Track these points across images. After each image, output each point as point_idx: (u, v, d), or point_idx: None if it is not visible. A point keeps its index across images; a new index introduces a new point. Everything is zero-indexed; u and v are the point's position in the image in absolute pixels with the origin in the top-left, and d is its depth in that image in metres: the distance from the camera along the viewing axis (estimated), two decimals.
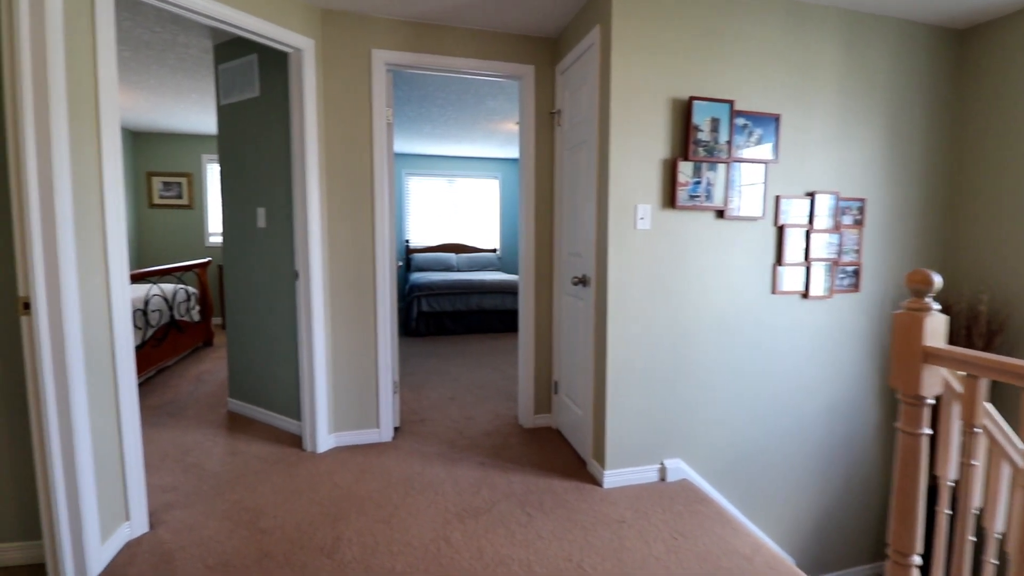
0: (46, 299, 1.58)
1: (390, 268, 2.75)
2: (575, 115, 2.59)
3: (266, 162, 2.85)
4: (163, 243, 6.14)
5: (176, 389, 3.68)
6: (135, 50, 3.20)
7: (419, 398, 3.46)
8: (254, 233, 2.97)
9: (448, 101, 4.42)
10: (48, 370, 1.60)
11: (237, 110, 2.99)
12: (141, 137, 5.99)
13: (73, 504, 1.65)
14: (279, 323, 2.88)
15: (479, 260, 7.09)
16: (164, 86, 3.99)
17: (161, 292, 4.21)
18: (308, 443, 2.63)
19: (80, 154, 1.69)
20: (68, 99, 1.64)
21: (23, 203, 1.54)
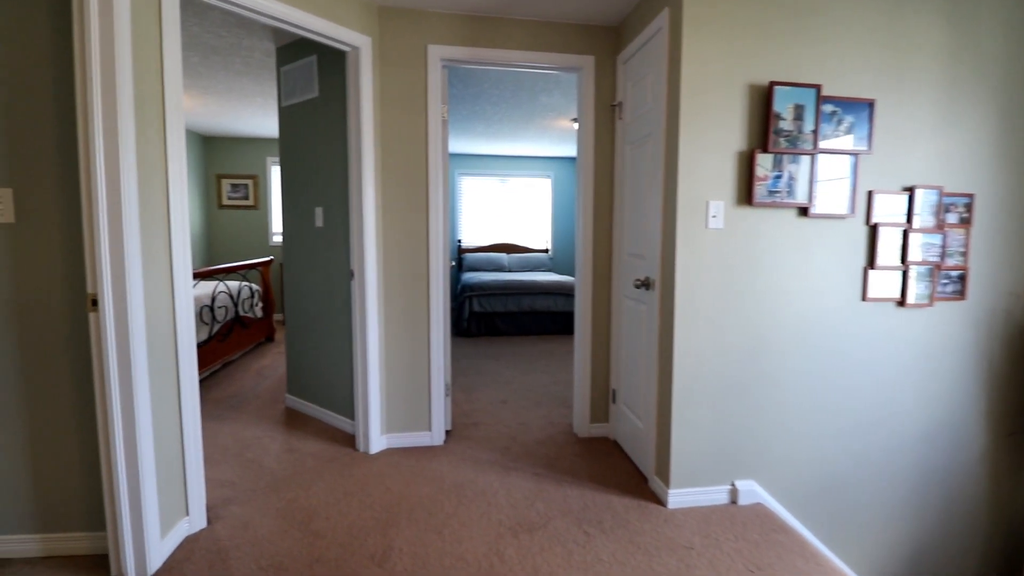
0: (112, 296, 1.61)
1: (443, 268, 2.69)
2: (638, 107, 2.43)
3: (324, 162, 2.87)
4: (230, 242, 6.44)
5: (239, 383, 3.81)
6: (204, 55, 3.31)
7: (471, 400, 3.39)
8: (312, 233, 3.00)
9: (502, 98, 4.34)
10: (113, 365, 1.63)
11: (297, 111, 3.03)
12: (211, 141, 6.30)
13: (135, 498, 1.68)
14: (335, 322, 2.89)
15: (530, 260, 6.99)
16: (231, 90, 4.14)
17: (227, 289, 4.37)
18: (361, 443, 2.62)
19: (146, 155, 1.72)
20: (135, 102, 1.66)
21: (92, 203, 1.57)
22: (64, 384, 1.76)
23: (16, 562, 1.77)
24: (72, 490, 1.80)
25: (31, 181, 1.68)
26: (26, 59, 1.65)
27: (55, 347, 1.74)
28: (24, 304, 1.72)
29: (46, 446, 1.78)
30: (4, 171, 1.67)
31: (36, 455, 1.78)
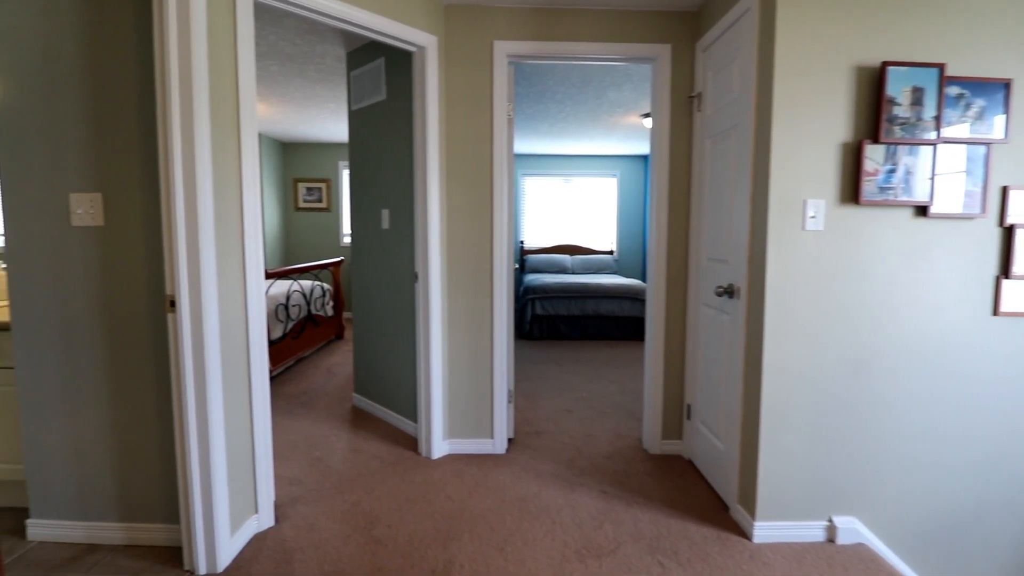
0: (188, 298, 1.65)
1: (507, 270, 2.60)
2: (721, 97, 2.22)
3: (391, 164, 2.87)
4: (305, 243, 6.74)
5: (310, 380, 3.93)
6: (281, 63, 3.43)
7: (534, 407, 3.29)
8: (378, 234, 3.02)
9: (567, 95, 4.21)
10: (188, 365, 1.67)
11: (366, 114, 3.06)
12: (289, 147, 6.63)
13: (206, 494, 1.72)
14: (400, 324, 2.89)
15: (594, 262, 6.79)
16: (306, 97, 4.29)
17: (300, 288, 4.55)
18: (423, 447, 2.59)
19: (221, 162, 1.76)
20: (210, 109, 1.70)
21: (170, 208, 1.62)
22: (146, 381, 1.84)
23: (102, 548, 1.86)
24: (152, 483, 1.88)
25: (118, 186, 1.76)
26: (113, 70, 1.73)
27: (138, 345, 1.82)
28: (111, 303, 1.81)
29: (129, 439, 1.87)
30: (94, 177, 1.76)
31: (121, 448, 1.87)
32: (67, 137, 1.75)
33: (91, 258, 1.79)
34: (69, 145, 1.76)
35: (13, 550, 1.85)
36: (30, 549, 1.85)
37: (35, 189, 1.78)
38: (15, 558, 1.81)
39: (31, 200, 1.78)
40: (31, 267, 1.81)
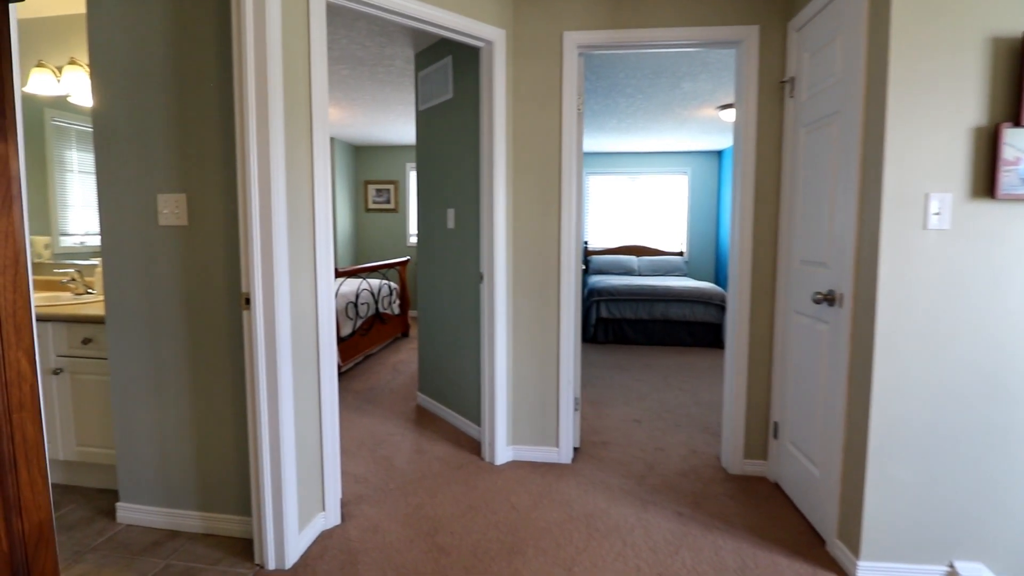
0: (261, 296, 1.67)
1: (575, 272, 2.49)
2: (819, 80, 1.99)
3: (457, 163, 2.84)
4: (375, 243, 6.94)
5: (376, 377, 4.00)
6: (352, 67, 3.51)
7: (600, 415, 3.15)
8: (444, 234, 3.00)
9: (638, 88, 4.02)
10: (261, 362, 1.69)
11: (433, 114, 3.05)
12: (360, 150, 6.85)
13: (276, 488, 1.74)
14: (464, 325, 2.85)
15: (663, 264, 6.50)
16: (375, 100, 4.38)
17: (369, 287, 4.66)
18: (487, 452, 2.53)
19: (294, 164, 1.78)
20: (284, 113, 1.72)
21: (246, 208, 1.64)
22: (223, 375, 1.89)
23: (182, 536, 1.94)
24: (228, 474, 1.93)
25: (201, 188, 1.83)
26: (196, 75, 1.79)
27: (217, 341, 1.88)
28: (192, 300, 1.88)
29: (208, 431, 1.93)
30: (180, 178, 1.83)
31: (200, 438, 1.94)
32: (155, 140, 1.84)
33: (175, 256, 1.87)
34: (157, 148, 1.84)
35: (104, 531, 1.97)
36: (118, 532, 1.97)
37: (126, 190, 1.88)
38: (105, 539, 1.92)
39: (123, 201, 1.88)
40: (123, 264, 1.92)
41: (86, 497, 2.22)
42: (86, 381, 2.18)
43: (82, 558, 1.81)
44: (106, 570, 1.75)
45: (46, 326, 2.18)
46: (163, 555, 1.83)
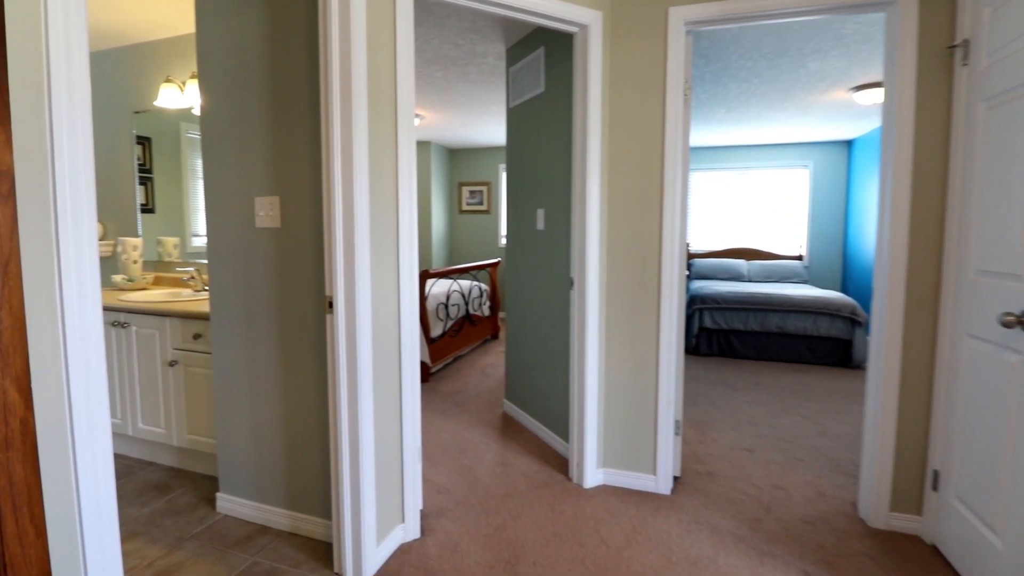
0: (343, 299, 1.62)
1: (678, 278, 2.20)
2: (1010, 42, 1.54)
3: (548, 160, 2.67)
4: (468, 244, 7.01)
5: (465, 379, 3.96)
6: (445, 68, 3.48)
7: (704, 440, 2.81)
8: (533, 236, 2.85)
9: (754, 71, 3.57)
10: (342, 364, 1.64)
11: (523, 111, 2.91)
12: (455, 152, 6.95)
13: (355, 496, 1.69)
14: (553, 333, 2.67)
15: (777, 269, 5.82)
16: (468, 101, 4.35)
17: (459, 288, 4.65)
18: (574, 472, 2.33)
19: (378, 167, 1.72)
20: (369, 117, 1.67)
21: (330, 212, 1.60)
22: (310, 377, 1.88)
23: (271, 532, 1.97)
24: (313, 476, 1.93)
25: (292, 190, 1.83)
26: (289, 80, 1.79)
27: (305, 342, 1.88)
28: (283, 301, 1.89)
29: (295, 431, 1.94)
30: (273, 181, 1.85)
31: (289, 438, 1.95)
32: (253, 145, 1.88)
33: (269, 257, 1.90)
34: (254, 153, 1.88)
35: (204, 519, 2.06)
36: (217, 521, 2.04)
37: (228, 193, 1.94)
38: (204, 527, 2.00)
39: (225, 203, 1.95)
40: (225, 264, 1.99)
41: (194, 483, 2.36)
42: (196, 374, 2.32)
43: (182, 545, 1.89)
44: (201, 561, 1.81)
45: (164, 320, 2.35)
46: (252, 551, 1.86)
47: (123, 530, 1.99)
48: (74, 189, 0.98)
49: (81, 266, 0.96)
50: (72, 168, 0.98)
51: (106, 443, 1.01)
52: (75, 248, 0.98)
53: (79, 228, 0.99)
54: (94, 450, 1.00)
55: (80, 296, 0.99)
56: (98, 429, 0.99)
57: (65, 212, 0.95)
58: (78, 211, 0.96)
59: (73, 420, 0.95)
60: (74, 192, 0.97)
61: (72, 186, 0.98)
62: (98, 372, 0.99)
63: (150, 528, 2.00)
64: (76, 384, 0.94)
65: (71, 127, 0.97)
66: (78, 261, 0.97)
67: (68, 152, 0.97)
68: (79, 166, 0.99)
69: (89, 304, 0.99)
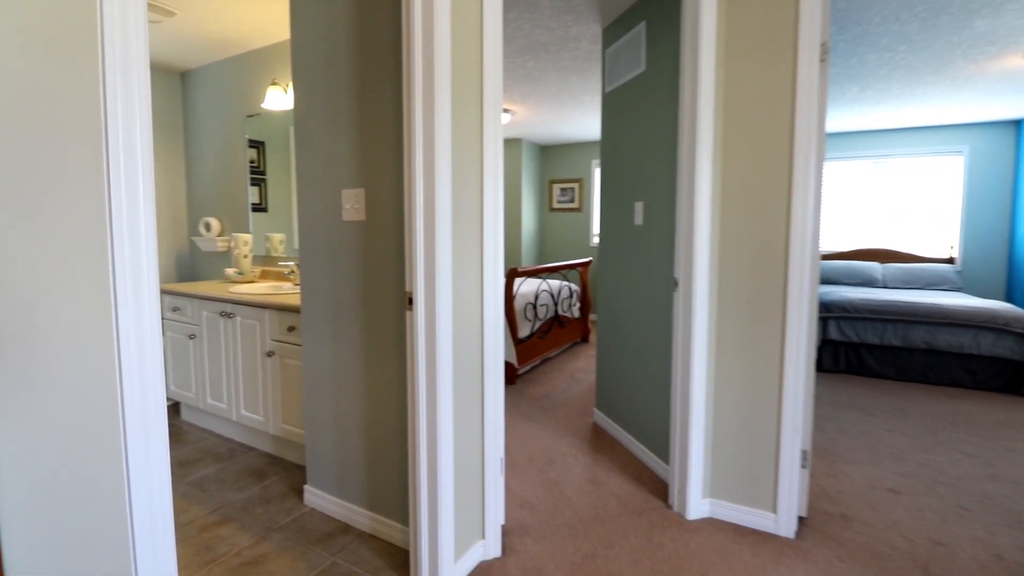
0: (423, 296, 1.51)
1: (808, 282, 1.84)
2: None
3: (648, 147, 2.40)
4: (558, 243, 6.83)
5: (553, 384, 3.78)
6: (536, 56, 3.32)
7: (834, 474, 2.37)
8: (630, 232, 2.59)
9: (901, 36, 3.00)
10: (421, 364, 1.54)
11: (621, 95, 2.66)
12: (546, 149, 6.80)
13: (432, 507, 1.57)
14: (652, 339, 2.40)
15: (921, 274, 4.96)
16: (560, 91, 4.16)
17: (548, 288, 4.48)
18: (675, 499, 2.05)
19: (461, 161, 1.61)
20: (452, 106, 1.55)
21: (411, 206, 1.50)
22: (392, 376, 1.81)
23: (352, 532, 1.92)
24: (393, 479, 1.85)
25: (377, 183, 1.76)
26: (374, 71, 1.72)
27: (387, 340, 1.80)
28: (367, 296, 1.83)
29: (377, 430, 1.87)
30: (359, 174, 1.80)
31: (370, 436, 1.89)
32: (340, 138, 1.84)
33: (355, 251, 1.85)
34: (341, 146, 1.84)
35: (292, 511, 2.07)
36: (303, 514, 2.05)
37: (318, 187, 1.93)
38: (291, 519, 2.01)
39: (315, 197, 1.94)
40: (314, 258, 1.98)
41: (287, 471, 2.41)
42: (290, 366, 2.36)
43: (269, 536, 1.90)
44: (284, 555, 1.80)
45: (263, 312, 2.43)
46: (333, 550, 1.82)
47: (219, 514, 2.05)
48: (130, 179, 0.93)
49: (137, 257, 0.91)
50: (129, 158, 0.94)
51: (162, 451, 0.96)
52: (130, 240, 0.94)
53: (135, 218, 0.95)
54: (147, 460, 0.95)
55: (136, 291, 0.95)
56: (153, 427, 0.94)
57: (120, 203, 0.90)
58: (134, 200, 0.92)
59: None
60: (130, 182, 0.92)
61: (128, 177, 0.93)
62: (153, 370, 0.94)
63: (243, 515, 2.04)
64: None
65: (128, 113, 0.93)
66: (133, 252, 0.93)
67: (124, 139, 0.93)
68: (136, 159, 0.95)
69: (145, 292, 0.95)
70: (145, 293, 1.01)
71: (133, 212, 0.98)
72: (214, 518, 2.03)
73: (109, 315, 0.96)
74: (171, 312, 2.92)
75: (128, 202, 0.97)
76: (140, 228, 1.00)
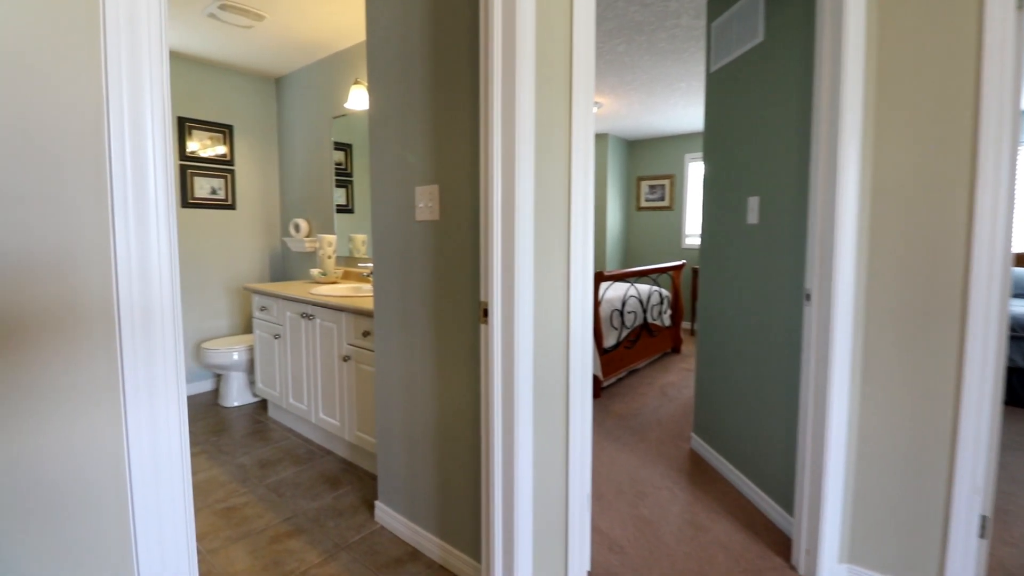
0: (500, 307, 1.30)
1: (999, 298, 1.40)
2: None
3: (765, 131, 2.03)
4: (645, 244, 6.39)
5: (642, 399, 3.45)
6: (628, 39, 3.01)
7: (1011, 538, 1.86)
8: (740, 232, 2.22)
9: None
10: (497, 383, 1.33)
11: (731, 72, 2.29)
12: (634, 144, 6.39)
13: (508, 550, 1.36)
14: (772, 359, 2.03)
15: None
16: (654, 79, 3.80)
17: (637, 293, 4.13)
18: (800, 560, 1.68)
19: (546, 151, 1.36)
20: (536, 89, 1.32)
21: (487, 205, 1.30)
22: (465, 391, 1.62)
23: (422, 559, 1.77)
24: (467, 506, 1.66)
25: (452, 180, 1.58)
26: (450, 52, 1.54)
27: (462, 351, 1.62)
28: (442, 303, 1.66)
29: (449, 450, 1.70)
30: (433, 170, 1.63)
31: (442, 456, 1.72)
32: (414, 134, 1.69)
33: (427, 253, 1.69)
34: (416, 142, 1.68)
35: (362, 527, 1.96)
36: (373, 532, 1.93)
37: (391, 184, 1.79)
38: (360, 538, 1.90)
39: (389, 196, 1.81)
40: (386, 260, 1.85)
41: (360, 481, 2.32)
42: (364, 371, 2.27)
43: (337, 555, 1.79)
44: None
45: (340, 315, 2.36)
46: None
47: (291, 524, 1.99)
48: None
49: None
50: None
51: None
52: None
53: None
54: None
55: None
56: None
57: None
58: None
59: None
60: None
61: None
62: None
63: (314, 527, 1.97)
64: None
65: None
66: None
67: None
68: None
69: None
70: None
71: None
72: (285, 528, 1.97)
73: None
74: (259, 312, 2.98)
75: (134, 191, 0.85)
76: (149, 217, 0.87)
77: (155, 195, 0.89)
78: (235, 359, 3.20)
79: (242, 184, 3.62)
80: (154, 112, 0.88)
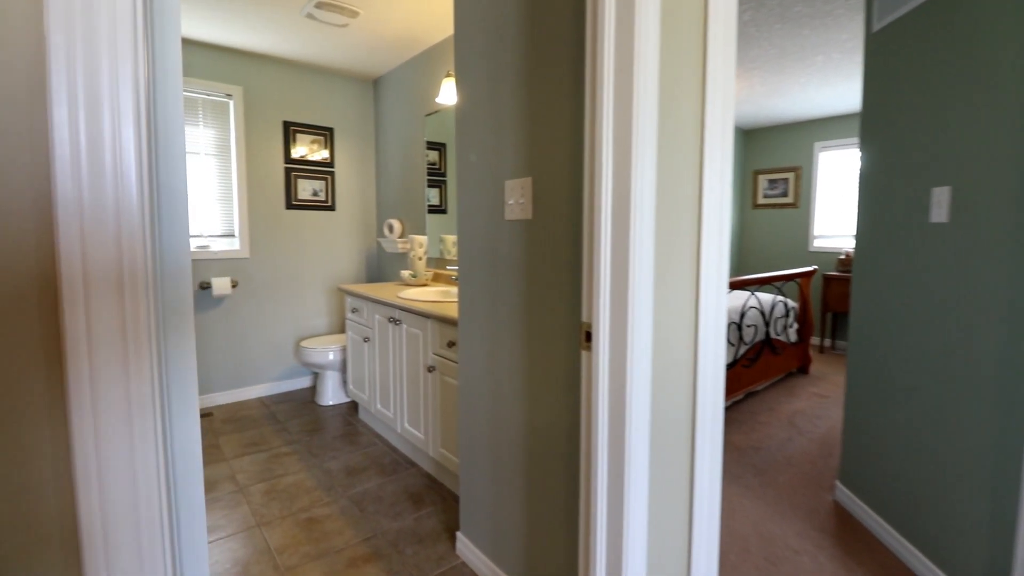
0: (608, 332, 1.01)
1: None
2: None
3: (959, 101, 1.52)
4: (763, 247, 5.68)
5: (764, 429, 2.95)
6: (755, 9, 2.55)
7: None
8: (919, 232, 1.72)
9: None
10: (603, 426, 1.04)
11: (904, 29, 1.78)
12: (751, 134, 5.70)
13: None
14: (963, 402, 1.52)
15: None
16: (783, 53, 3.25)
17: (758, 304, 3.59)
18: None
19: (670, 139, 1.05)
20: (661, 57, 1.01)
21: (593, 203, 1.01)
22: (559, 420, 1.35)
23: None
24: (559, 560, 1.39)
25: (547, 171, 1.32)
26: (548, 41, 1.27)
27: (554, 369, 1.35)
28: (533, 317, 1.40)
29: (540, 488, 1.44)
30: (525, 160, 1.38)
31: (529, 494, 1.47)
32: (504, 126, 1.45)
33: (518, 257, 1.44)
34: (506, 134, 1.45)
35: (441, 560, 1.77)
36: (452, 568, 1.72)
37: (478, 179, 1.58)
38: (439, 573, 1.70)
39: (475, 191, 1.59)
40: (472, 264, 1.63)
41: (444, 502, 2.15)
42: (449, 385, 2.10)
43: None
44: None
45: (426, 321, 2.20)
46: None
47: (370, 545, 1.85)
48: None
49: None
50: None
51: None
52: None
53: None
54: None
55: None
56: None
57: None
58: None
59: None
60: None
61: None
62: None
63: (392, 552, 1.81)
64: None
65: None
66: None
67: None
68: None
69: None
70: None
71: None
72: (364, 550, 1.83)
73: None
74: (351, 313, 2.95)
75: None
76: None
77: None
78: (331, 358, 3.21)
79: (341, 185, 3.66)
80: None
